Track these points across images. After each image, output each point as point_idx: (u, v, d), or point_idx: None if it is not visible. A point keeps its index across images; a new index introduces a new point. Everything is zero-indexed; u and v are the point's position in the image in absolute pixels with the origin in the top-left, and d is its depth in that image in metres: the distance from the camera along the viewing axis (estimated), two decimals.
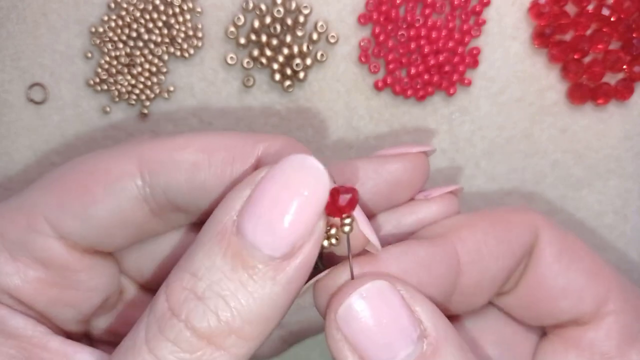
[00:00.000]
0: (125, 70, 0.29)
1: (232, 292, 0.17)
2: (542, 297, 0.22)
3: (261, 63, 0.29)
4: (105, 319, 0.23)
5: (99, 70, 0.29)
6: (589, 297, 0.21)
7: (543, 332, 0.24)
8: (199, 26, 0.29)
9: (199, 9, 0.29)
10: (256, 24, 0.28)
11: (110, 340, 0.24)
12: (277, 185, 0.17)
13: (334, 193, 0.18)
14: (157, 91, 0.29)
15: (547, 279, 0.21)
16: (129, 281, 0.24)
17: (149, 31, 0.29)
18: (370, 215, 0.22)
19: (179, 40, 0.29)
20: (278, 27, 0.28)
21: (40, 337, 0.20)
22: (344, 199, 0.18)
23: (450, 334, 0.18)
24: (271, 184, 0.17)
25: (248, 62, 0.29)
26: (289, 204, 0.17)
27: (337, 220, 0.18)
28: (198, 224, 0.22)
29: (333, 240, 0.18)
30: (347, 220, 0.18)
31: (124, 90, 0.29)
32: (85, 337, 0.23)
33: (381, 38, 0.29)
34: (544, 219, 0.22)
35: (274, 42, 0.29)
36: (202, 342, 0.17)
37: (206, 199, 0.20)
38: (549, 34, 0.29)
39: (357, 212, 0.18)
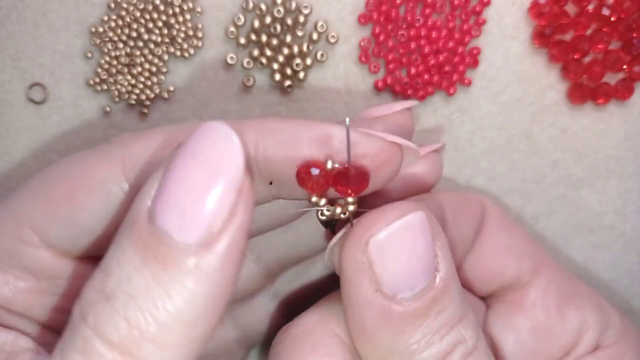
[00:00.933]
0: (125, 70, 0.29)
1: (143, 290, 0.14)
2: (491, 257, 0.24)
3: (261, 63, 0.29)
4: None
5: (99, 70, 0.29)
6: (528, 255, 0.24)
7: (488, 305, 0.25)
8: (199, 26, 0.29)
9: (199, 9, 0.29)
10: (256, 24, 0.28)
11: None
12: (185, 161, 0.15)
13: (343, 174, 0.17)
14: (157, 91, 0.29)
15: (495, 239, 0.24)
16: None
17: (149, 31, 0.29)
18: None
19: (179, 40, 0.29)
20: (278, 27, 0.28)
21: (15, 354, 0.19)
22: (353, 181, 0.17)
23: (454, 272, 0.18)
24: (179, 161, 0.15)
25: (248, 62, 0.29)
26: (197, 181, 0.15)
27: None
28: None
29: (341, 215, 0.18)
30: (350, 199, 0.18)
31: (124, 90, 0.29)
32: None
33: (381, 38, 0.29)
34: (487, 197, 0.25)
35: (274, 42, 0.29)
36: (113, 353, 0.14)
37: None
38: (549, 34, 0.29)
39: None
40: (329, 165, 0.17)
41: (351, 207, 0.18)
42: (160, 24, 0.29)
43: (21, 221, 0.19)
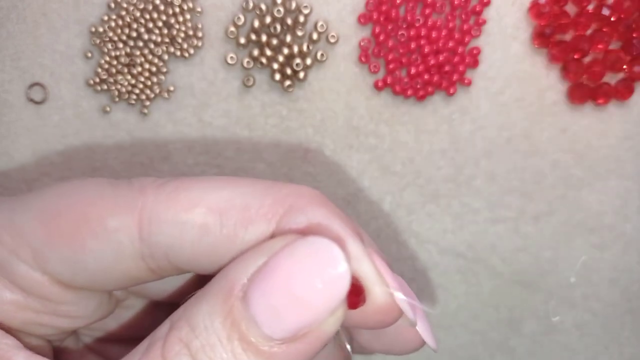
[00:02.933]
0: (125, 70, 0.29)
1: (222, 359, 0.16)
2: None
3: (261, 63, 0.29)
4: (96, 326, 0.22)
5: (99, 70, 0.29)
6: None
7: None
8: (199, 26, 0.29)
9: (199, 9, 0.29)
10: (256, 23, 0.28)
11: (101, 339, 0.23)
12: (293, 268, 0.16)
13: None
14: (157, 91, 0.29)
15: None
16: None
17: (149, 31, 0.29)
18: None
19: (179, 40, 0.29)
20: (278, 27, 0.28)
21: (6, 350, 0.18)
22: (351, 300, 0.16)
23: None
24: (286, 264, 0.16)
25: (248, 62, 0.29)
26: (300, 294, 0.15)
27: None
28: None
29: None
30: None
31: (124, 90, 0.29)
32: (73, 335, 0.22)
33: (381, 38, 0.29)
34: None
35: (274, 42, 0.29)
36: None
37: (214, 262, 0.18)
38: (549, 34, 0.29)
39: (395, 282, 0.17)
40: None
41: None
42: (160, 24, 0.29)
43: (21, 237, 0.18)
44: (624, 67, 0.29)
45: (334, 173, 0.30)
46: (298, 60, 0.29)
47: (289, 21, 0.28)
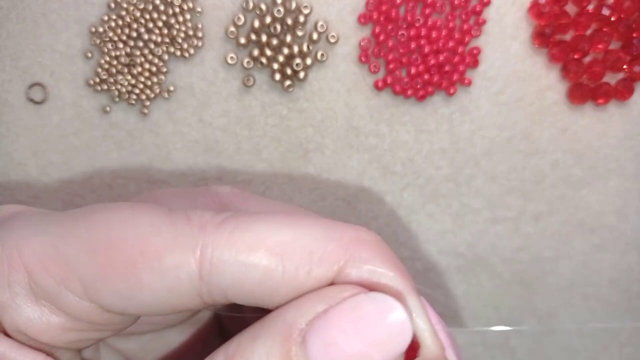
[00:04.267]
0: (125, 70, 0.29)
1: None
2: None
3: (261, 63, 0.29)
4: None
5: (99, 70, 0.29)
6: None
7: None
8: (199, 26, 0.29)
9: (199, 9, 0.29)
10: (256, 23, 0.28)
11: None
12: (356, 322, 0.16)
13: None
14: (157, 91, 0.29)
15: None
16: None
17: (149, 31, 0.29)
18: None
19: (179, 40, 0.29)
20: (278, 27, 0.28)
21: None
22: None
23: None
24: (349, 316, 0.16)
25: (248, 62, 0.29)
26: (361, 348, 0.16)
27: None
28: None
29: None
30: None
31: (124, 90, 0.29)
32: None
33: (381, 38, 0.29)
34: None
35: (274, 42, 0.29)
36: None
37: (272, 302, 0.18)
38: (549, 34, 0.29)
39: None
40: None
41: None
42: (160, 24, 0.29)
43: (71, 271, 0.18)
44: (624, 67, 0.29)
45: (334, 173, 0.30)
46: (298, 60, 0.29)
47: (289, 21, 0.28)
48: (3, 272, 0.18)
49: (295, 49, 0.29)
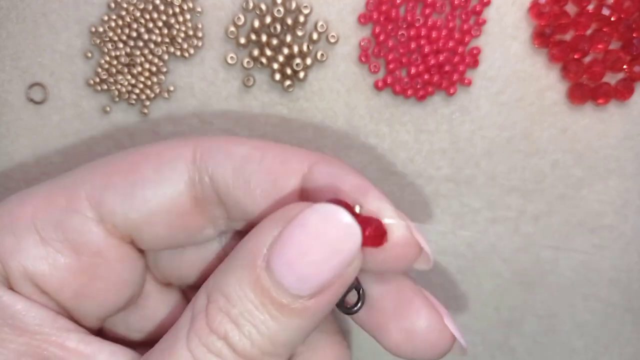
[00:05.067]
0: (125, 70, 0.29)
1: (262, 322, 0.18)
2: None
3: (261, 63, 0.29)
4: (120, 317, 0.23)
5: (99, 70, 0.29)
6: None
7: None
8: (199, 26, 0.29)
9: (199, 9, 0.29)
10: (256, 23, 0.28)
11: (121, 337, 0.23)
12: (307, 235, 0.17)
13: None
14: (157, 91, 0.29)
15: None
16: (150, 279, 0.23)
17: (149, 31, 0.29)
18: None
19: (179, 40, 0.29)
20: (278, 27, 0.28)
21: (58, 335, 0.19)
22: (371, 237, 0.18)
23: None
24: (301, 232, 0.18)
25: (248, 62, 0.29)
26: (318, 256, 0.17)
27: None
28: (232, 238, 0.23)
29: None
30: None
31: (124, 90, 0.29)
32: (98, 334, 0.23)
33: (381, 38, 0.29)
34: None
35: (274, 42, 0.29)
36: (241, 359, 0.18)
37: (249, 200, 0.20)
38: (549, 34, 0.29)
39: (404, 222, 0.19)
40: (357, 209, 0.19)
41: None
42: (160, 24, 0.29)
43: (77, 188, 0.20)
44: (624, 67, 0.29)
45: None
46: (298, 60, 0.29)
47: (289, 21, 0.28)
48: (4, 220, 0.20)
49: (295, 49, 0.29)
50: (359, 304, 0.21)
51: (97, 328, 0.22)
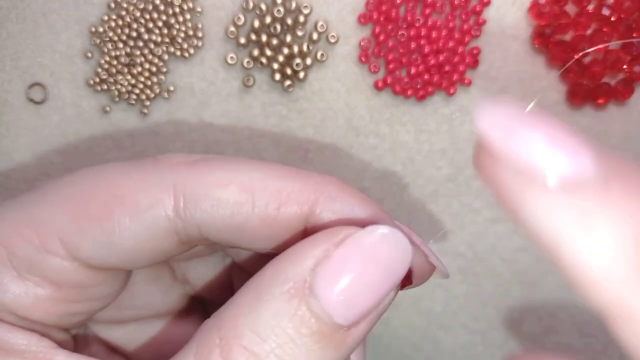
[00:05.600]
0: (125, 70, 0.29)
1: (295, 356, 0.16)
2: None
3: (261, 63, 0.29)
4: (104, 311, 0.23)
5: (99, 70, 0.29)
6: None
7: None
8: (199, 26, 0.29)
9: (199, 9, 0.29)
10: (256, 23, 0.28)
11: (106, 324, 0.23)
12: (362, 256, 0.16)
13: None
14: (157, 91, 0.29)
15: None
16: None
17: (149, 31, 0.29)
18: None
19: (179, 40, 0.29)
20: (278, 27, 0.28)
21: (45, 352, 0.18)
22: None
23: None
24: (355, 253, 0.16)
25: (248, 62, 0.29)
26: (374, 280, 0.16)
27: None
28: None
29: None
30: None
31: (124, 90, 0.29)
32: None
33: (381, 38, 0.29)
34: None
35: (274, 41, 0.29)
36: None
37: (245, 238, 0.19)
38: (549, 34, 0.29)
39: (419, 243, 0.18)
40: None
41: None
42: (160, 24, 0.29)
43: (48, 229, 0.18)
44: (624, 67, 0.29)
45: (334, 173, 0.30)
46: (298, 60, 0.29)
47: (289, 21, 0.28)
48: None
49: (295, 49, 0.29)
50: None
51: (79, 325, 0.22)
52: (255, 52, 0.29)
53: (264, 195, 0.18)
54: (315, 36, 0.29)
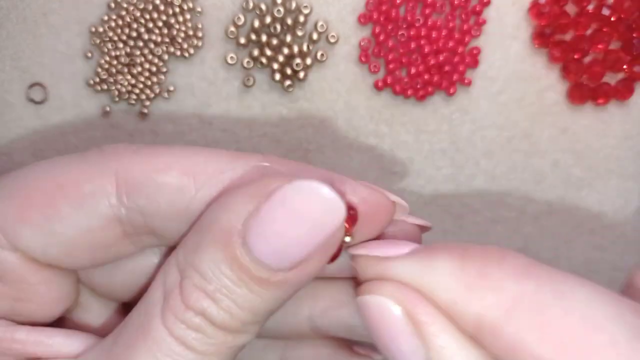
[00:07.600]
0: (125, 70, 0.29)
1: (241, 296, 0.17)
2: None
3: (261, 63, 0.29)
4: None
5: (99, 70, 0.29)
6: None
7: None
8: (199, 26, 0.29)
9: (199, 9, 0.29)
10: (256, 23, 0.28)
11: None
12: (289, 209, 0.16)
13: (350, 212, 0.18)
14: (157, 91, 0.29)
15: None
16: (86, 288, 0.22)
17: (149, 31, 0.29)
18: None
19: (179, 40, 0.29)
20: (278, 27, 0.28)
21: (4, 331, 0.19)
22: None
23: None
24: (282, 205, 0.16)
25: (248, 62, 0.29)
26: (298, 233, 0.17)
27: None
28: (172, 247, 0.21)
29: (347, 239, 0.18)
30: (347, 239, 0.18)
31: (124, 90, 0.29)
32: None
33: (381, 38, 0.29)
34: None
35: (274, 41, 0.29)
36: (220, 332, 0.17)
37: (188, 222, 0.19)
38: (549, 34, 0.29)
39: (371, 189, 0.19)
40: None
41: (347, 239, 0.18)
42: (160, 24, 0.29)
43: None
44: (624, 67, 0.29)
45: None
46: (298, 60, 0.29)
47: (289, 21, 0.28)
48: None
49: (295, 49, 0.29)
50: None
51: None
52: (255, 52, 0.29)
53: (204, 177, 0.18)
54: (315, 36, 0.29)
